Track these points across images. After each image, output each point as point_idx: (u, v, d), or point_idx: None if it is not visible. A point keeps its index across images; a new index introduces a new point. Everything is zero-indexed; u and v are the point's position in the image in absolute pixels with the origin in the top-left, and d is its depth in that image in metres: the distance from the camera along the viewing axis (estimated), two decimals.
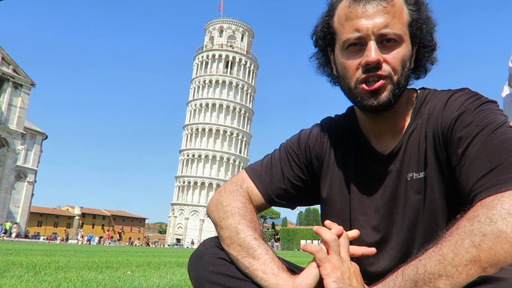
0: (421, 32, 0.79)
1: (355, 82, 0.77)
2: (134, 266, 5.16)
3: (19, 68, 35.07)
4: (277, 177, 0.93)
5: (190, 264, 0.85)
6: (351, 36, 0.75)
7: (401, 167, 0.81)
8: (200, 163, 59.99)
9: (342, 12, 0.78)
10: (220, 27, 66.35)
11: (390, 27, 0.73)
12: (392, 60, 0.74)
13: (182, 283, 3.24)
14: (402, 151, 0.82)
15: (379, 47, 0.74)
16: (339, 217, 0.88)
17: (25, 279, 2.96)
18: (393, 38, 0.74)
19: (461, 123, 0.72)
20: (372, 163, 0.86)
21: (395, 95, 0.76)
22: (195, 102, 62.63)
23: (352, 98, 0.80)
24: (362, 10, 0.74)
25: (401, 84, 0.76)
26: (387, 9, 0.74)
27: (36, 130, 41.76)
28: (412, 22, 0.77)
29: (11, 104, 34.36)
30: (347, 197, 0.88)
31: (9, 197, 34.91)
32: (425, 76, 0.86)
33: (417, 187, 0.79)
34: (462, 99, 0.75)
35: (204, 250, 0.85)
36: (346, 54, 0.78)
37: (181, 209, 58.77)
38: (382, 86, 0.75)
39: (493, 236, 0.54)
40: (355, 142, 0.89)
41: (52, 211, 74.89)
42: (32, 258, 5.78)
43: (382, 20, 0.73)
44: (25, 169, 39.45)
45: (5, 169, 33.87)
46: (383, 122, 0.83)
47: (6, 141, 33.77)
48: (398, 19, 0.75)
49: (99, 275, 3.55)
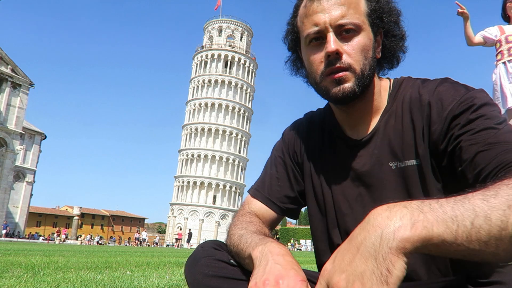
0: (381, 21, 0.81)
1: (320, 75, 0.79)
2: (133, 266, 5.15)
3: (17, 68, 35.00)
4: (275, 184, 0.94)
5: (186, 268, 0.83)
6: (311, 30, 0.78)
7: (380, 154, 0.81)
8: (199, 163, 59.97)
9: (303, 11, 0.81)
10: (219, 26, 66.32)
11: (347, 17, 0.76)
12: (352, 51, 0.76)
13: (181, 283, 3.23)
14: (380, 137, 0.82)
15: (338, 39, 0.76)
16: (323, 209, 0.89)
17: (24, 279, 2.94)
18: (351, 28, 0.76)
19: (463, 112, 0.71)
20: (347, 150, 0.86)
21: (360, 85, 0.77)
22: (194, 101, 62.61)
23: (320, 91, 0.82)
24: (317, 5, 0.77)
25: (365, 74, 0.78)
26: (341, 1, 0.77)
27: (35, 130, 41.70)
28: (370, 12, 0.79)
29: (9, 104, 34.29)
30: (327, 188, 0.88)
31: (8, 197, 34.85)
32: (397, 65, 0.88)
33: (405, 175, 0.78)
34: (453, 90, 0.75)
35: (201, 252, 0.83)
36: (309, 50, 0.80)
37: (181, 209, 58.75)
38: (344, 77, 0.76)
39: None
40: (330, 133, 0.91)
41: (51, 211, 74.82)
42: (31, 258, 5.77)
43: (338, 12, 0.76)
44: (24, 169, 39.41)
45: (4, 169, 33.81)
46: (356, 112, 0.84)
47: (4, 141, 33.71)
48: (355, 10, 0.77)
49: (98, 275, 3.54)
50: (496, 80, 3.54)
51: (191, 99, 63.76)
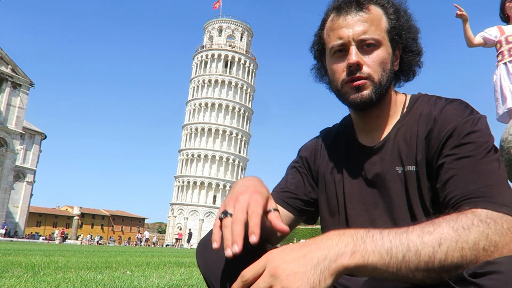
0: (400, 38, 0.89)
1: (341, 82, 0.88)
2: (134, 266, 5.15)
3: (17, 68, 35.02)
4: (289, 188, 1.02)
5: (198, 248, 0.88)
6: (335, 43, 0.87)
7: (390, 159, 0.88)
8: (199, 162, 60.00)
9: (329, 24, 0.91)
10: (219, 26, 66.35)
11: (368, 33, 0.85)
12: (371, 63, 0.85)
13: (181, 283, 3.23)
14: (391, 144, 0.89)
15: (360, 52, 0.85)
16: (336, 213, 0.95)
17: (24, 279, 2.95)
18: (371, 43, 0.85)
19: (457, 135, 0.77)
20: (361, 156, 0.93)
21: (377, 93, 0.86)
22: (194, 101, 62.64)
23: (341, 97, 0.90)
24: (343, 20, 0.87)
25: (382, 84, 0.86)
26: (364, 18, 0.86)
27: (35, 130, 41.72)
28: (391, 29, 0.88)
29: (9, 104, 34.31)
30: (341, 193, 0.95)
31: (8, 197, 34.87)
32: (413, 78, 0.96)
33: (407, 179, 0.84)
34: (459, 111, 0.81)
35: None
36: (333, 60, 0.90)
37: (181, 209, 58.78)
38: (364, 84, 0.85)
39: (496, 250, 0.58)
40: (346, 141, 0.99)
41: (51, 211, 74.88)
42: (31, 258, 5.77)
43: (361, 28, 0.85)
44: (24, 169, 39.42)
45: (4, 169, 33.82)
46: (372, 120, 0.92)
47: (5, 141, 33.72)
48: (376, 26, 0.86)
49: (98, 275, 3.54)
50: (497, 81, 3.53)
51: (191, 99, 63.78)
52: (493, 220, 0.62)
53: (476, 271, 0.55)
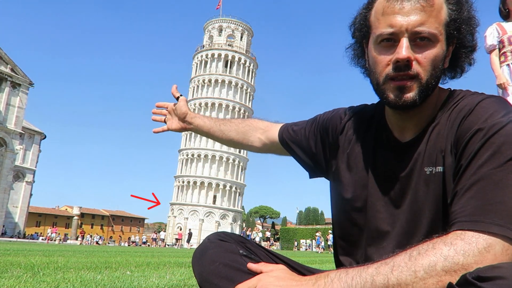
0: (459, 33, 0.77)
1: (384, 78, 0.77)
2: (133, 266, 5.13)
3: (17, 68, 34.97)
4: (297, 130, 1.06)
5: (194, 258, 0.85)
6: (385, 31, 0.75)
7: (421, 159, 0.80)
8: (199, 162, 59.94)
9: (380, 6, 0.77)
10: (219, 26, 66.27)
11: (426, 25, 0.73)
12: (423, 60, 0.74)
13: (181, 283, 3.22)
14: (424, 143, 0.80)
15: (411, 45, 0.74)
16: (354, 198, 0.88)
17: (23, 279, 2.93)
18: (427, 37, 0.73)
19: (479, 138, 0.70)
20: (390, 151, 0.85)
21: (422, 96, 0.76)
22: (194, 101, 62.54)
23: (379, 93, 0.80)
24: (399, 6, 0.74)
25: (430, 85, 0.76)
26: (424, 7, 0.73)
27: (34, 130, 41.69)
28: (450, 22, 0.76)
29: (9, 103, 34.26)
30: (365, 179, 0.87)
31: (7, 197, 34.82)
32: (460, 76, 0.84)
33: (433, 180, 0.78)
34: (490, 111, 0.72)
35: (209, 244, 0.84)
36: (378, 49, 0.77)
37: (181, 209, 58.73)
38: (409, 85, 0.75)
39: (462, 269, 0.58)
40: (378, 130, 0.89)
41: (50, 211, 74.84)
42: (30, 258, 5.76)
43: (417, 17, 0.73)
44: (23, 169, 39.39)
45: (3, 169, 33.78)
46: (409, 118, 0.83)
47: (4, 141, 33.67)
48: (435, 18, 0.74)
49: (98, 275, 3.53)
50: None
51: (191, 98, 63.67)
52: (462, 240, 0.61)
53: (480, 274, 0.54)
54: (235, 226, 58.33)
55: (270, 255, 0.90)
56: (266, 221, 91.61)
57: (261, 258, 0.85)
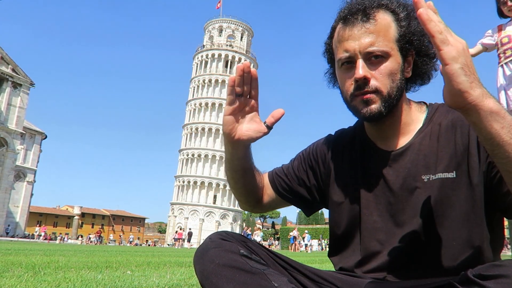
0: (411, 45, 0.85)
1: (350, 96, 0.86)
2: (134, 265, 5.14)
3: (18, 68, 34.99)
4: (286, 172, 1.07)
5: (195, 258, 0.86)
6: (343, 56, 0.85)
7: (415, 167, 0.85)
8: (200, 162, 59.95)
9: (336, 35, 0.88)
10: (219, 26, 66.28)
11: (375, 45, 0.81)
12: (379, 76, 0.82)
13: (182, 283, 3.23)
14: (415, 152, 0.86)
15: (367, 64, 0.82)
16: (349, 217, 0.94)
17: (24, 279, 2.95)
18: (379, 55, 0.82)
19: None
20: (378, 161, 0.91)
21: (387, 106, 0.83)
22: (194, 101, 62.57)
23: (351, 109, 0.88)
24: (349, 33, 0.83)
25: (393, 95, 0.84)
26: (370, 29, 0.82)
27: (35, 129, 41.72)
28: (400, 37, 0.84)
29: (10, 103, 34.28)
30: (356, 196, 0.92)
31: (8, 197, 34.85)
32: (428, 82, 0.92)
33: (437, 186, 0.82)
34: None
35: (210, 243, 0.85)
36: (341, 71, 0.87)
37: (181, 209, 58.75)
38: (371, 98, 0.83)
39: None
40: (362, 146, 0.96)
41: (51, 211, 74.83)
42: (31, 258, 5.77)
43: (367, 40, 0.81)
44: (24, 169, 39.41)
45: (4, 169, 33.81)
46: (386, 127, 0.90)
47: (5, 140, 33.71)
48: (383, 37, 0.82)
49: (98, 275, 3.54)
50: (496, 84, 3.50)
51: (191, 99, 63.73)
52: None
53: (482, 273, 0.55)
54: (235, 225, 58.30)
55: (271, 255, 0.92)
56: (266, 220, 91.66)
57: (262, 258, 0.87)
